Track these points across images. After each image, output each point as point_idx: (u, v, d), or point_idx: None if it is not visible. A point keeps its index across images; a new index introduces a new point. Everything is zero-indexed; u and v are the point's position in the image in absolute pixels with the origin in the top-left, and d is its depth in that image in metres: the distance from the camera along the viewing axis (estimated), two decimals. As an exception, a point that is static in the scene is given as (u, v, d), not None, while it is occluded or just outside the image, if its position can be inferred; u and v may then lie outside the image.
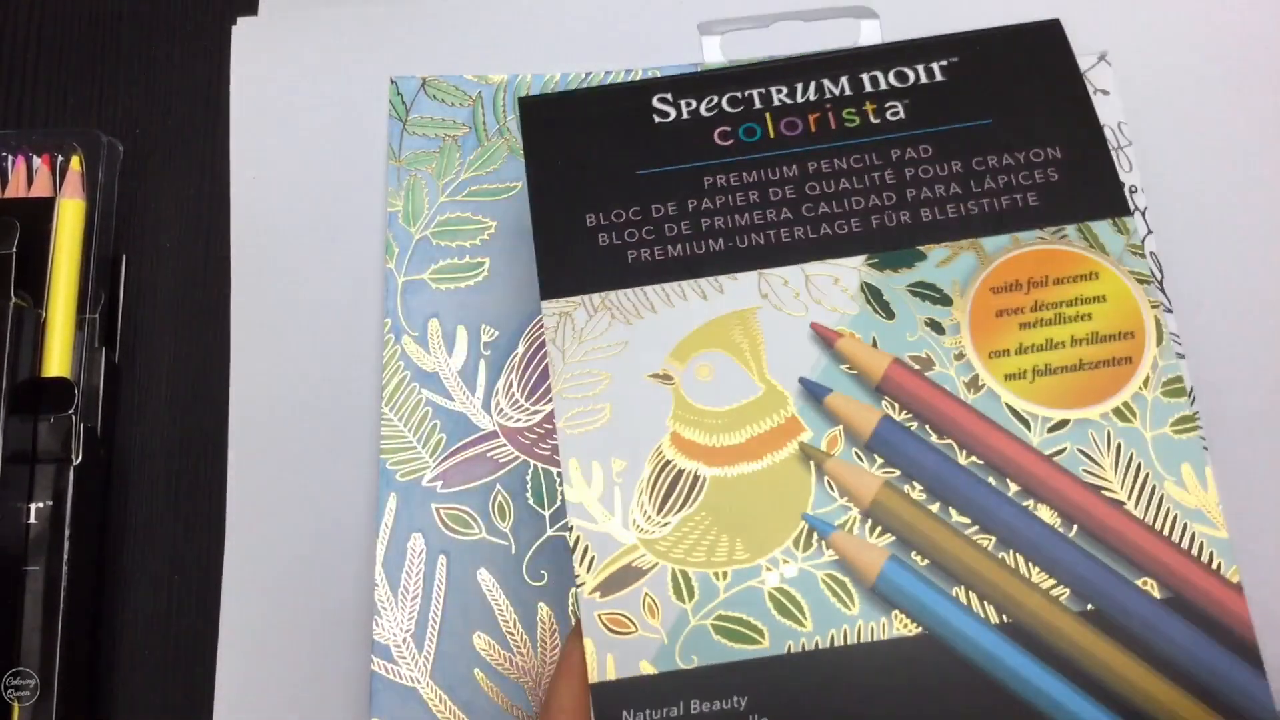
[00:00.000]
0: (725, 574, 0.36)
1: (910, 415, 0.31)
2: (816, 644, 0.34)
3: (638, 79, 0.40)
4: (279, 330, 0.39)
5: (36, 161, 0.41)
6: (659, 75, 0.39)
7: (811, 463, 0.33)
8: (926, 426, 0.31)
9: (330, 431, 0.39)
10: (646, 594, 0.35)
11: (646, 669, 0.33)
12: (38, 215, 0.40)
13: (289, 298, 0.40)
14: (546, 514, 0.38)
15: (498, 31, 0.41)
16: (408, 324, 0.39)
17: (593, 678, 0.31)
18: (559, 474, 0.38)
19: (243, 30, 0.41)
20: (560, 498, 0.38)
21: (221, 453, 0.39)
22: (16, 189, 0.40)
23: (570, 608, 0.37)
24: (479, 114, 0.40)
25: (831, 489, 0.35)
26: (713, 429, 0.35)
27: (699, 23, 0.41)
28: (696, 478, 0.34)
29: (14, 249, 0.39)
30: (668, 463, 0.34)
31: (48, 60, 0.43)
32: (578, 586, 0.32)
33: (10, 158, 0.41)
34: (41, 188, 0.40)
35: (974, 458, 0.31)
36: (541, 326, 0.38)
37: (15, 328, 0.38)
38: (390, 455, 0.38)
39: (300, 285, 0.40)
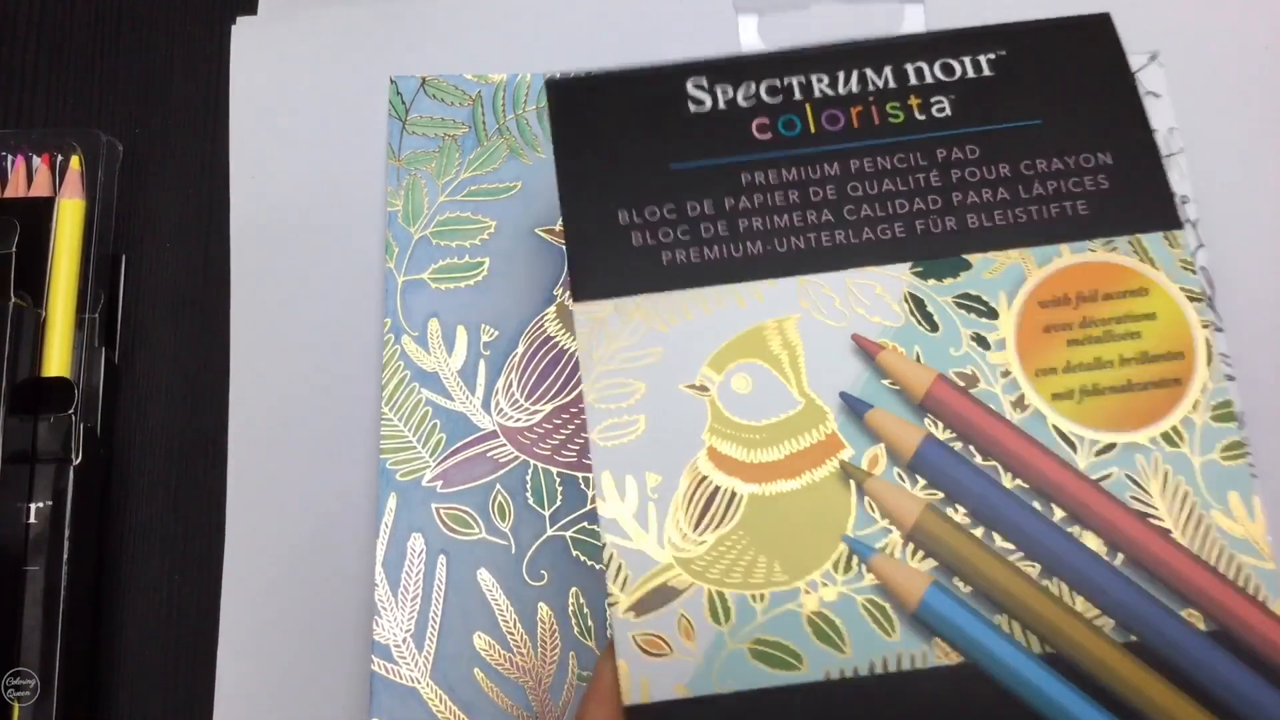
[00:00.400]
0: (763, 596, 0.35)
1: (954, 434, 0.31)
2: (855, 671, 0.34)
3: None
4: (279, 330, 0.39)
5: (36, 161, 0.41)
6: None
7: (852, 482, 0.32)
8: (971, 447, 0.31)
9: (330, 431, 0.39)
10: (682, 615, 0.35)
11: (681, 692, 0.32)
12: (37, 215, 0.40)
13: (289, 297, 0.40)
14: (546, 514, 0.38)
15: (497, 30, 0.41)
16: (407, 324, 0.39)
17: (626, 700, 0.30)
18: (559, 474, 0.38)
19: (242, 30, 0.41)
20: (560, 498, 0.38)
21: (222, 452, 0.39)
22: (16, 189, 0.40)
23: (570, 609, 0.37)
24: (479, 113, 0.40)
25: (872, 510, 0.34)
26: (750, 444, 0.34)
27: (735, 2, 0.41)
28: (733, 495, 0.34)
29: (14, 249, 0.39)
30: (704, 478, 0.34)
31: (48, 60, 0.43)
32: (610, 605, 0.32)
33: (10, 157, 0.41)
34: (41, 187, 0.40)
35: (1020, 481, 0.30)
36: (541, 326, 0.38)
37: (15, 327, 0.38)
38: (390, 455, 0.38)
39: (300, 285, 0.40)
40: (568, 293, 0.38)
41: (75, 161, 0.41)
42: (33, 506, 0.38)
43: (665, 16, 0.41)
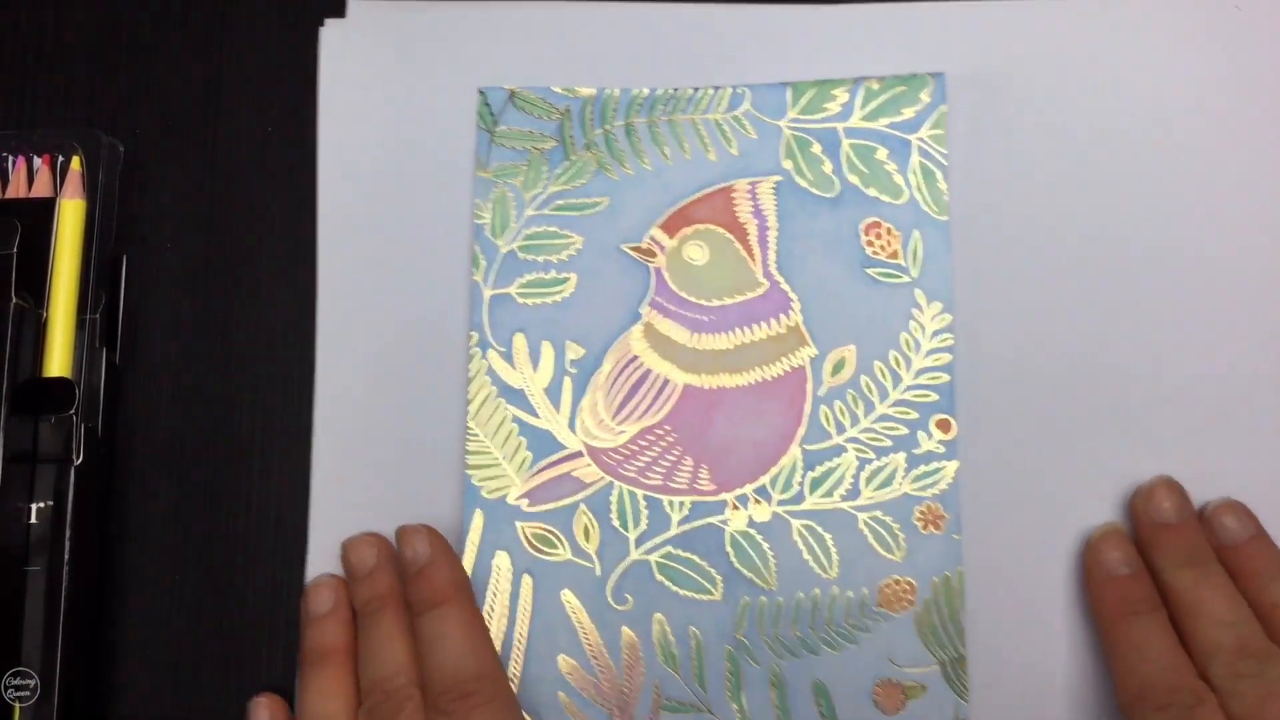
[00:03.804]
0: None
1: None
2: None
3: (726, 94, 0.39)
4: (365, 339, 0.39)
5: (37, 162, 0.40)
6: (749, 92, 0.39)
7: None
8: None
9: (415, 445, 0.38)
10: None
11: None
12: (38, 216, 0.39)
13: (375, 306, 0.39)
14: (631, 537, 0.37)
15: (586, 44, 0.40)
16: (494, 338, 0.38)
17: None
18: (644, 496, 0.37)
19: (330, 33, 0.41)
20: (645, 520, 0.37)
21: (223, 453, 0.40)
22: (17, 189, 0.40)
23: (655, 635, 0.37)
24: (567, 127, 0.39)
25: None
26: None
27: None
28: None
29: (15, 249, 0.38)
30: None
31: (48, 60, 0.42)
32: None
33: (11, 158, 0.41)
34: (42, 188, 0.40)
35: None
36: (627, 345, 0.38)
37: (16, 328, 0.38)
38: (476, 471, 0.38)
39: (386, 295, 0.39)
40: (654, 312, 0.38)
41: (76, 162, 0.40)
42: (34, 507, 0.38)
43: (746, 36, 0.40)
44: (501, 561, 0.37)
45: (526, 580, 0.37)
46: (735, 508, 0.37)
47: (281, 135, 0.41)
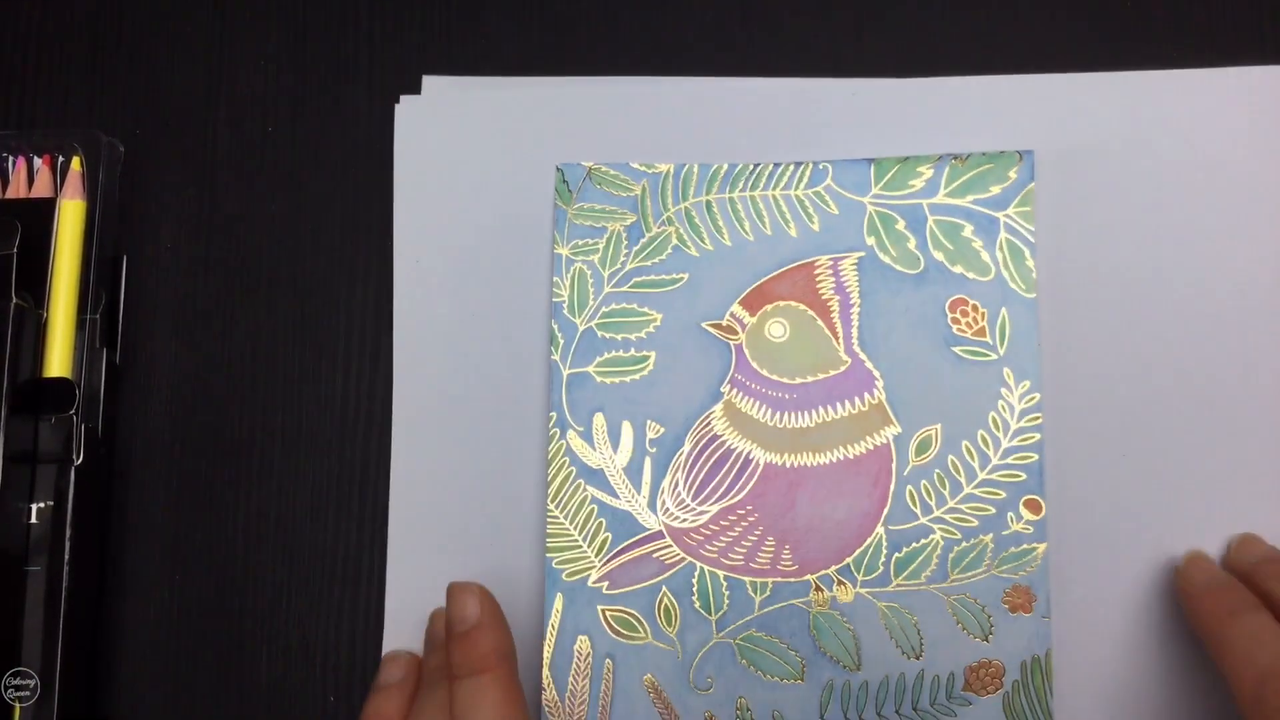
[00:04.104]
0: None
1: None
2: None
3: (807, 170, 0.38)
4: (442, 418, 0.39)
5: (37, 162, 0.41)
6: (831, 168, 0.38)
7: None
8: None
9: (494, 526, 0.38)
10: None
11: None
12: (38, 216, 0.40)
13: (451, 386, 0.39)
14: (713, 619, 0.37)
15: (663, 118, 0.40)
16: (573, 418, 0.38)
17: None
18: (725, 577, 0.37)
19: (405, 109, 0.41)
20: (726, 603, 0.37)
21: (223, 453, 0.40)
22: (17, 190, 0.40)
23: (737, 718, 0.36)
24: (645, 203, 0.39)
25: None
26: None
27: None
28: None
29: (15, 250, 0.39)
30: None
31: (48, 60, 0.43)
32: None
33: (11, 158, 0.41)
34: (42, 188, 0.40)
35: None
36: (708, 424, 0.38)
37: (16, 328, 0.38)
38: (556, 554, 0.37)
39: (463, 374, 0.39)
40: (735, 390, 0.38)
41: (76, 163, 0.40)
42: (34, 507, 0.38)
43: (827, 110, 0.40)
44: (583, 645, 0.37)
45: (608, 664, 0.37)
46: (818, 589, 0.37)
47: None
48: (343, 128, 0.42)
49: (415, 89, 0.41)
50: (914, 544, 0.37)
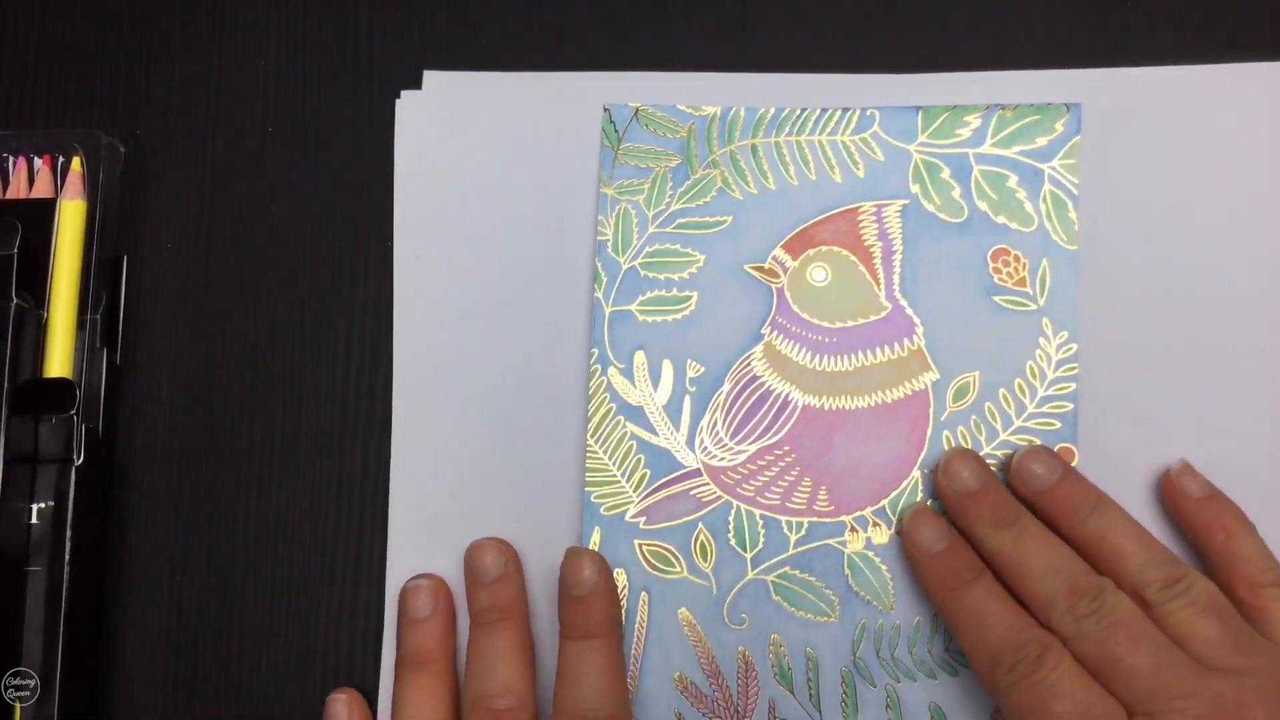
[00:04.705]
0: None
1: None
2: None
3: (855, 116, 0.39)
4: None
5: (37, 162, 0.41)
6: (878, 114, 0.39)
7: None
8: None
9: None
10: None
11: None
12: (39, 216, 0.40)
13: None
14: (748, 556, 0.37)
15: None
16: (614, 355, 0.38)
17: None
18: (761, 515, 0.37)
19: (406, 103, 0.41)
20: (762, 540, 0.37)
21: (223, 453, 0.40)
22: (17, 190, 0.40)
23: (770, 654, 0.37)
24: (691, 145, 0.39)
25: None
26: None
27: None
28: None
29: (15, 250, 0.39)
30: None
31: (48, 60, 0.42)
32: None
33: (11, 159, 0.41)
34: (42, 189, 0.40)
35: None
36: (748, 365, 0.38)
37: (17, 329, 0.38)
38: (595, 489, 0.38)
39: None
40: (775, 333, 0.38)
41: (76, 163, 0.40)
42: (34, 507, 0.38)
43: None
44: (619, 578, 0.37)
45: (643, 597, 0.37)
46: (854, 530, 0.37)
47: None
48: (343, 127, 0.41)
49: (416, 88, 0.41)
50: (948, 488, 0.37)
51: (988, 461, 0.37)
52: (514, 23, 0.42)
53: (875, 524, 0.37)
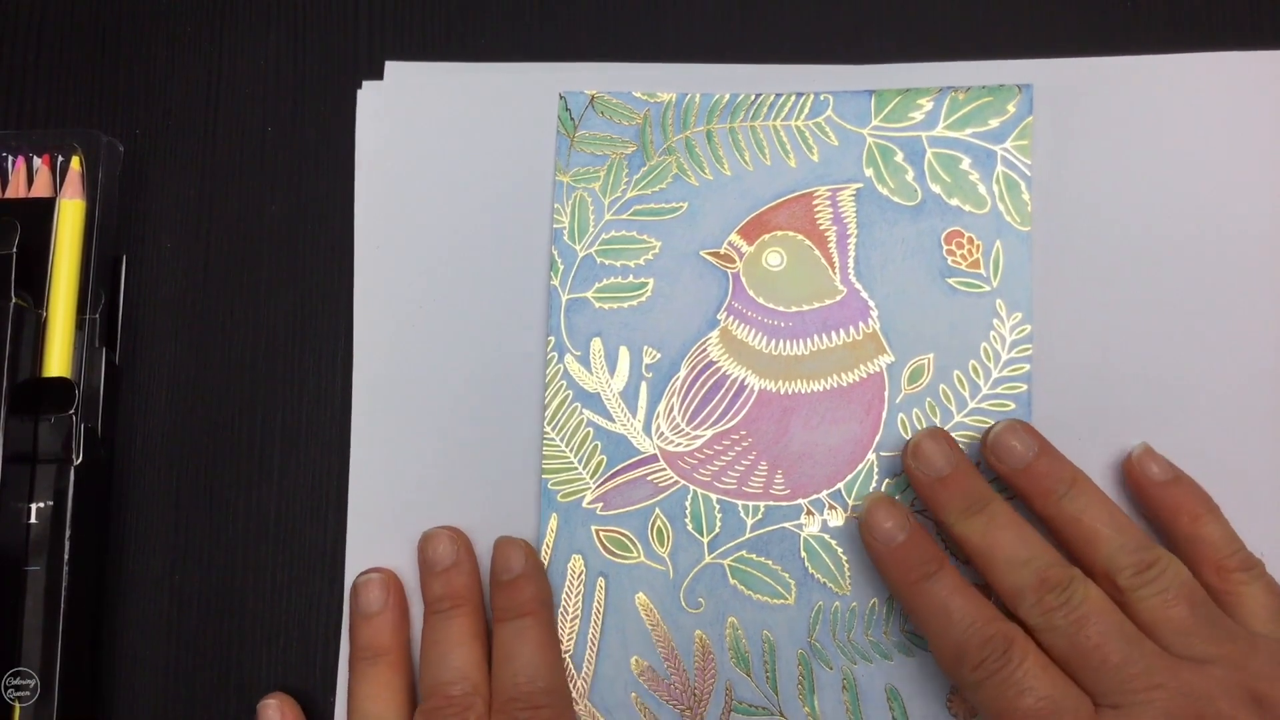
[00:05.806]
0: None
1: None
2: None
3: (809, 101, 0.39)
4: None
5: (37, 162, 0.41)
6: (832, 99, 0.39)
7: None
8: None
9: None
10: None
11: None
12: (38, 216, 0.40)
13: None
14: (705, 540, 0.37)
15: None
16: (571, 343, 0.39)
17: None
18: (718, 500, 0.38)
19: (368, 94, 0.41)
20: (719, 525, 0.37)
21: (223, 453, 0.40)
22: (17, 189, 0.40)
23: (727, 638, 0.37)
24: (647, 132, 0.39)
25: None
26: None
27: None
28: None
29: (14, 249, 0.39)
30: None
31: (48, 60, 0.43)
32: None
33: (10, 158, 0.41)
34: (42, 188, 0.40)
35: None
36: (704, 350, 0.38)
37: (15, 328, 0.38)
38: (552, 475, 0.38)
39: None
40: (731, 318, 0.38)
41: (76, 162, 0.40)
42: (34, 507, 0.38)
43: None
44: (576, 564, 0.38)
45: (601, 583, 0.38)
46: (810, 513, 0.37)
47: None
48: (343, 127, 0.41)
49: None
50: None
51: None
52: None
53: (831, 507, 0.37)
